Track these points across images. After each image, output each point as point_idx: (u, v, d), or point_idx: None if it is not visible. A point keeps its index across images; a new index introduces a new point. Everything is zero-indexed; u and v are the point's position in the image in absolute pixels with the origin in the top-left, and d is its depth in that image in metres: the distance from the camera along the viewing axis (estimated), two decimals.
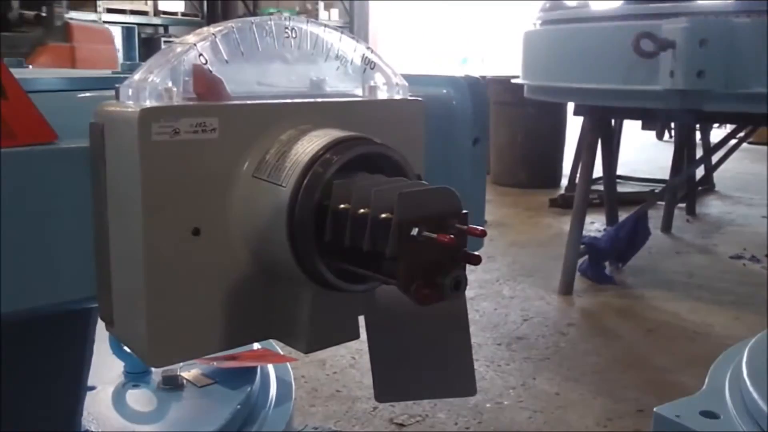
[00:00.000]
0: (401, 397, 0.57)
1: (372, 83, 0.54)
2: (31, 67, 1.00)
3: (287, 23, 0.50)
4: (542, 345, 2.39)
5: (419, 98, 0.55)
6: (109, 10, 7.25)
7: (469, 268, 0.42)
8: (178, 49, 0.46)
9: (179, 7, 8.10)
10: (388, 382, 0.54)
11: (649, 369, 2.20)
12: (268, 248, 0.45)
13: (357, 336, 0.50)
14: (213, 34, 0.46)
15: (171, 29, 8.30)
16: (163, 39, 7.75)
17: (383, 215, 0.40)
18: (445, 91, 0.67)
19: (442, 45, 8.61)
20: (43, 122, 0.44)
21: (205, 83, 0.45)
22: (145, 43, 7.67)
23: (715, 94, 2.14)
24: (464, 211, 0.41)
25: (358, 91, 0.54)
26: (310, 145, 0.44)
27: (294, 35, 0.50)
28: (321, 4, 8.52)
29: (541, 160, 5.04)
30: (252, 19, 0.48)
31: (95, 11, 7.09)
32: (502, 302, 2.79)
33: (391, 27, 8.94)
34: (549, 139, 5.02)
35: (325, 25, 0.52)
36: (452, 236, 0.39)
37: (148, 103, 0.43)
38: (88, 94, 0.53)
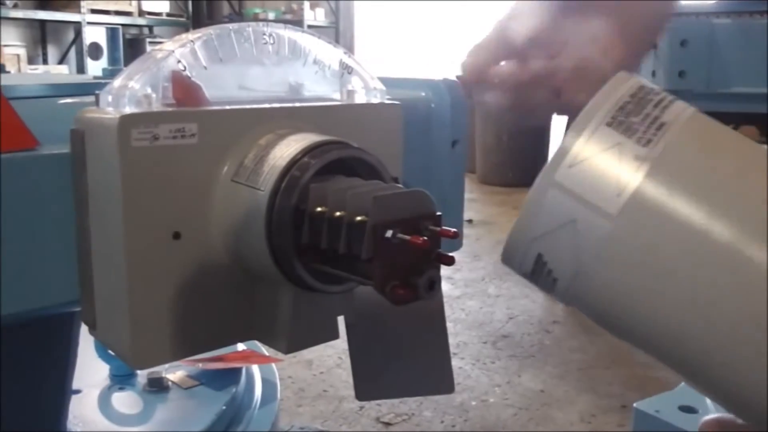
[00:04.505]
0: (381, 395, 0.58)
1: (350, 87, 0.55)
2: None
3: (265, 29, 0.51)
4: (527, 343, 2.40)
5: (396, 102, 0.56)
6: (93, 11, 7.21)
7: (455, 267, 0.43)
8: (158, 56, 0.46)
9: (164, 7, 8.06)
10: (368, 380, 0.55)
11: (633, 365, 2.23)
12: (247, 251, 0.46)
13: (337, 336, 0.51)
14: (191, 40, 0.47)
15: (156, 30, 8.26)
16: (148, 40, 7.71)
17: (359, 218, 0.41)
18: (423, 93, 0.68)
19: (429, 45, 8.63)
20: (23, 129, 0.44)
21: (183, 89, 0.46)
22: (130, 44, 7.63)
23: (696, 94, 2.17)
24: (438, 213, 0.42)
25: (336, 95, 0.55)
26: (287, 149, 0.45)
27: (272, 41, 0.51)
28: (306, 5, 8.50)
29: (527, 158, 5.07)
30: (230, 25, 0.49)
31: (79, 12, 7.05)
32: (487, 301, 2.81)
33: (377, 27, 8.95)
34: (534, 138, 5.05)
35: (303, 30, 0.53)
36: (426, 238, 0.40)
37: (127, 110, 0.44)
38: (68, 101, 0.53)
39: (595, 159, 0.31)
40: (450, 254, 0.42)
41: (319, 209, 0.43)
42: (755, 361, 0.30)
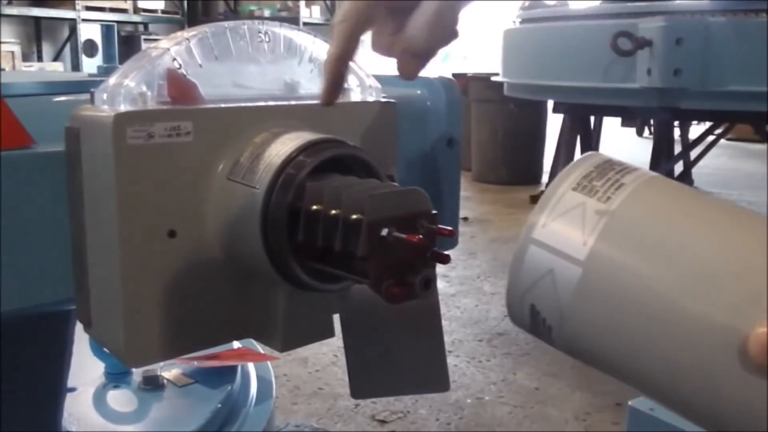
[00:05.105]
0: (376, 393, 0.58)
1: (345, 85, 0.55)
2: None
3: (261, 27, 0.51)
4: (522, 341, 2.41)
5: (392, 100, 0.56)
6: (88, 8, 7.18)
7: (450, 264, 0.44)
8: (153, 54, 0.46)
9: (159, 4, 8.03)
10: (363, 378, 0.55)
11: None
12: (242, 249, 0.46)
13: (332, 334, 0.51)
14: (187, 38, 0.47)
15: (151, 27, 8.24)
16: (143, 37, 7.69)
17: (354, 216, 0.41)
18: (419, 92, 0.68)
19: None
20: (19, 127, 0.44)
21: (179, 87, 0.46)
22: (126, 42, 7.61)
23: (692, 92, 2.17)
24: (434, 212, 0.42)
25: None
26: (283, 147, 0.45)
27: (267, 39, 0.51)
28: (302, 2, 8.48)
29: (522, 157, 5.07)
30: (226, 23, 0.49)
31: (74, 9, 7.02)
32: (483, 299, 2.81)
33: None
34: (529, 136, 5.05)
35: (299, 28, 0.53)
36: (421, 236, 0.40)
37: (122, 108, 0.43)
38: (63, 99, 0.53)
39: (564, 216, 0.36)
40: (445, 252, 0.42)
41: (314, 207, 0.43)
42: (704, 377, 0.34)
